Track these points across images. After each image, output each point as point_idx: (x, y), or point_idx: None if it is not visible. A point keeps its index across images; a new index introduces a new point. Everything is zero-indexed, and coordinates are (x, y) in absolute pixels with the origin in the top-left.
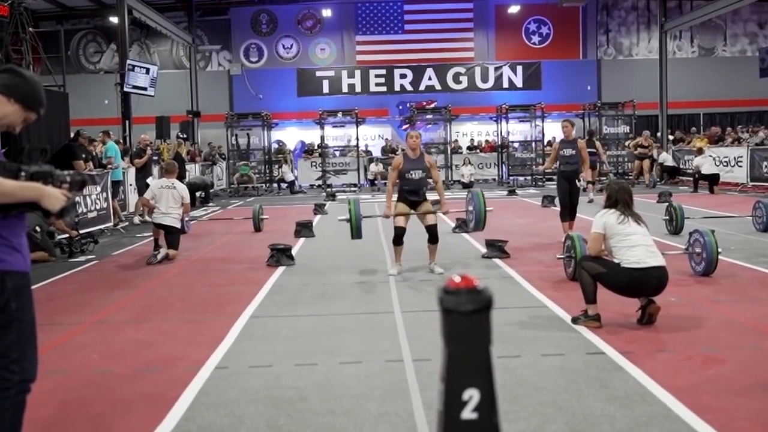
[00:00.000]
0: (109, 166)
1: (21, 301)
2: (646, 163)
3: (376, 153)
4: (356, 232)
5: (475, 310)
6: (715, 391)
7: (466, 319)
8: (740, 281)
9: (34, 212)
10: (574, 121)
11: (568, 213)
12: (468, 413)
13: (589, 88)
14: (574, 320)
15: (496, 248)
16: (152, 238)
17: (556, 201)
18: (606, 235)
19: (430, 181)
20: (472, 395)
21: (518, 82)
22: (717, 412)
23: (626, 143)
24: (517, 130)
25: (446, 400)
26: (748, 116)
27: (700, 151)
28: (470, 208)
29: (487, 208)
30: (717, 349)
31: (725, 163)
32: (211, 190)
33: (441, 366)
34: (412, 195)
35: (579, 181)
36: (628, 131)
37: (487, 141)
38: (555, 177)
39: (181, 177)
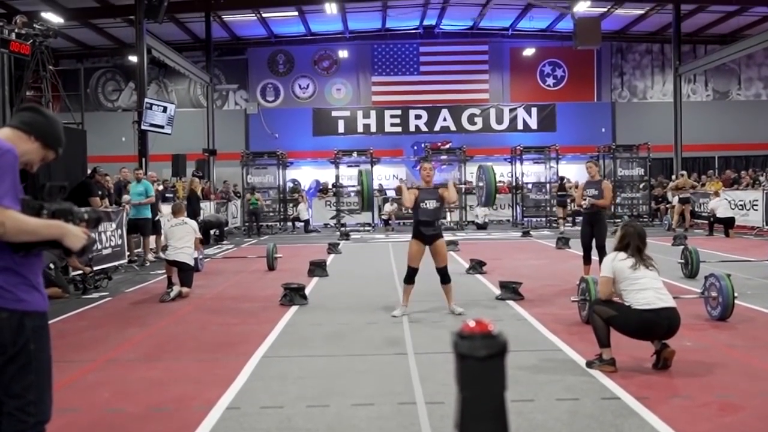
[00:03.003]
0: (124, 203)
1: (40, 342)
2: (688, 207)
3: (390, 193)
4: (367, 204)
5: (490, 355)
6: None
7: (481, 365)
8: (757, 326)
9: (55, 250)
10: (598, 162)
11: (589, 256)
12: None
13: (603, 130)
14: (589, 364)
15: (510, 290)
16: (165, 275)
17: (570, 243)
18: (615, 279)
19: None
20: None
21: (533, 123)
22: None
23: (663, 185)
24: (531, 172)
25: None
26: (764, 160)
27: (716, 195)
28: (480, 183)
29: (498, 183)
30: (734, 395)
31: (740, 207)
32: (226, 228)
33: (455, 411)
34: (427, 227)
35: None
36: (642, 174)
37: (501, 182)
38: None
39: (195, 215)
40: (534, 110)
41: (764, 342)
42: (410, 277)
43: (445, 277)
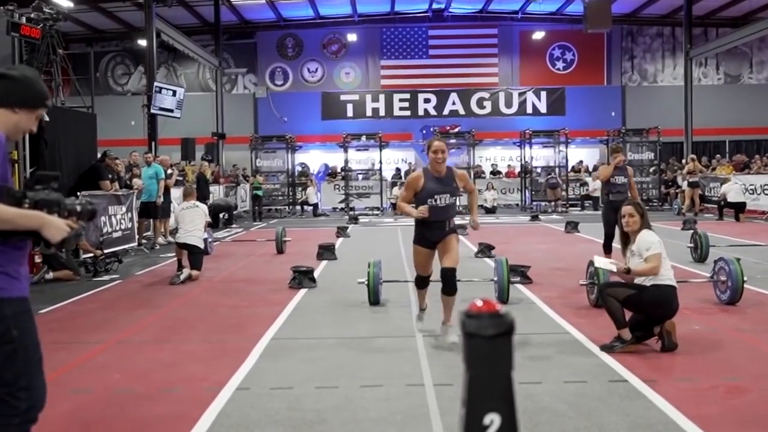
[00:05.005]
0: (135, 187)
1: (22, 328)
2: (697, 192)
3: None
4: (373, 297)
5: (497, 334)
6: (739, 422)
7: (488, 343)
8: (766, 310)
9: (35, 240)
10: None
11: (611, 244)
12: None
13: (613, 114)
14: (608, 348)
15: (519, 274)
16: (175, 258)
17: (579, 227)
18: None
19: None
20: (493, 420)
21: (542, 107)
22: None
23: (676, 170)
24: (540, 156)
25: (467, 425)
26: None
27: (727, 179)
28: (495, 278)
29: (511, 280)
30: (742, 378)
31: (751, 191)
32: (235, 212)
33: (462, 390)
34: (434, 230)
35: None
36: (652, 158)
37: (509, 166)
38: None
39: (204, 198)
40: (543, 94)
41: None
42: (422, 281)
43: (448, 283)
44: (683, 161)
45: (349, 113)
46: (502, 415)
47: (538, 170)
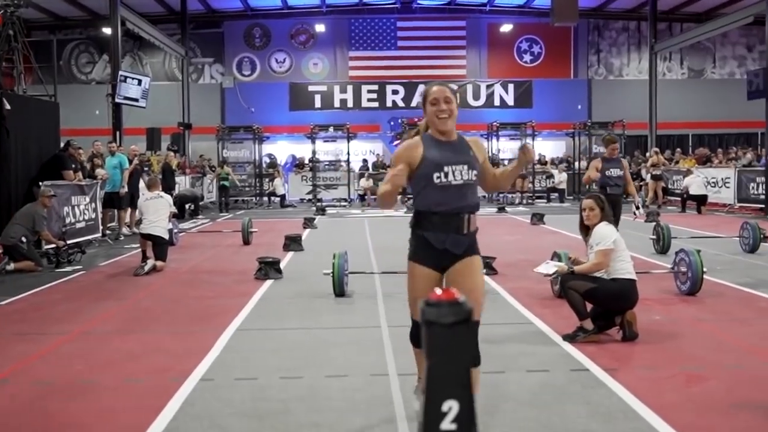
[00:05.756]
0: (99, 177)
1: None
2: (660, 184)
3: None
4: (338, 288)
5: (456, 322)
6: (698, 409)
7: (447, 331)
8: (725, 301)
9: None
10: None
11: None
12: (447, 424)
13: (579, 107)
14: (570, 338)
15: (485, 265)
16: (140, 249)
17: (545, 219)
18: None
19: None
20: (451, 406)
21: (509, 100)
22: (700, 430)
23: (640, 163)
24: (507, 148)
25: (426, 411)
26: (737, 138)
27: (689, 172)
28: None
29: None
30: (700, 367)
31: (713, 184)
32: (201, 203)
33: (422, 377)
34: (447, 234)
35: (637, 210)
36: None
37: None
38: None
39: (170, 189)
40: (511, 87)
41: (731, 316)
42: (416, 336)
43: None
44: (647, 154)
45: (317, 104)
46: (460, 402)
47: (505, 162)
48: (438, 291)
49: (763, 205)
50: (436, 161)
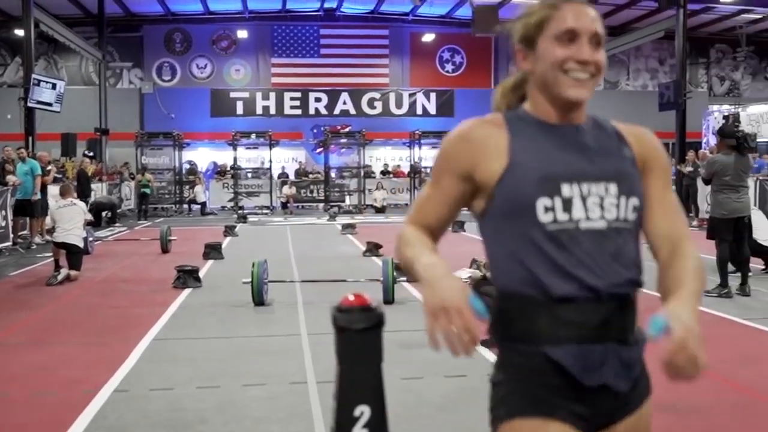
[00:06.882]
0: (10, 184)
1: None
2: None
3: (290, 176)
4: (258, 297)
5: (367, 327)
6: None
7: (359, 337)
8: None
9: None
10: None
11: None
12: (359, 429)
13: None
14: (488, 343)
15: (397, 268)
16: (52, 258)
17: (465, 226)
18: None
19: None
20: (363, 411)
21: (432, 108)
22: None
23: None
24: (429, 156)
25: (338, 417)
26: None
27: None
28: (381, 277)
29: (398, 279)
30: None
31: None
32: (119, 210)
33: (334, 384)
34: (595, 347)
35: None
36: None
37: (398, 166)
38: None
39: (85, 196)
40: (433, 95)
41: None
42: None
43: None
44: None
45: (239, 111)
46: (372, 407)
47: (428, 170)
48: (350, 297)
49: None
50: (544, 172)
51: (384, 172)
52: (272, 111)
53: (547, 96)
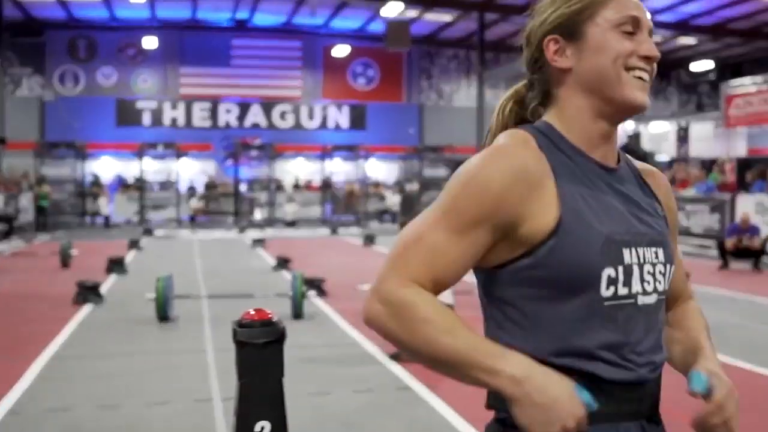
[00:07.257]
0: None
1: None
2: None
3: (199, 189)
4: (162, 312)
5: (268, 342)
6: None
7: (259, 351)
8: None
9: None
10: None
11: None
12: None
13: (411, 131)
14: (397, 357)
15: (315, 287)
16: None
17: (377, 240)
18: None
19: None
20: (263, 426)
21: (344, 122)
22: None
23: None
24: (341, 170)
25: (239, 431)
26: None
27: None
28: (290, 292)
29: (307, 294)
30: None
31: None
32: (16, 223)
33: (234, 399)
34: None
35: None
36: (447, 174)
37: (309, 181)
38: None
39: None
40: (345, 109)
41: None
42: None
43: None
44: None
45: (146, 121)
46: (272, 422)
47: (339, 184)
48: (251, 311)
49: None
50: (607, 231)
51: (296, 186)
52: (180, 122)
53: (597, 101)
